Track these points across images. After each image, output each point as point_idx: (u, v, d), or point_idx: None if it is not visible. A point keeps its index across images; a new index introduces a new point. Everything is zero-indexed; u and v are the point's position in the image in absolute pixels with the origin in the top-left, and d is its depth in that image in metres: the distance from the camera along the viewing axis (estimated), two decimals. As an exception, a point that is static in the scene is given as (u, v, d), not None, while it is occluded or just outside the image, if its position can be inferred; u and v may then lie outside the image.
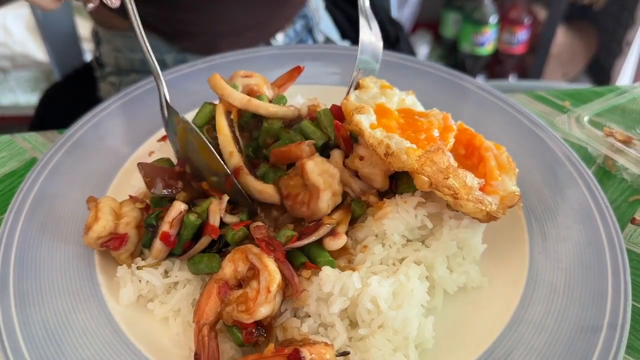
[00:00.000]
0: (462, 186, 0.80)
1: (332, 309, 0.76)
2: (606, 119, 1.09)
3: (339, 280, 0.76)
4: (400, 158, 0.78)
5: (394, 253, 0.82)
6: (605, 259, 0.87)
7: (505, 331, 0.79)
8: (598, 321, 0.80)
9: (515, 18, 3.57)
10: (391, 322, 0.75)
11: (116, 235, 0.85)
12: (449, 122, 0.87)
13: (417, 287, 0.78)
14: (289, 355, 0.67)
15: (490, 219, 0.82)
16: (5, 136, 1.13)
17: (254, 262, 0.76)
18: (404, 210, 0.82)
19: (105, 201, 0.86)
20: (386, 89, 0.94)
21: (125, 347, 0.77)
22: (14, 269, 0.84)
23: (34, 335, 0.77)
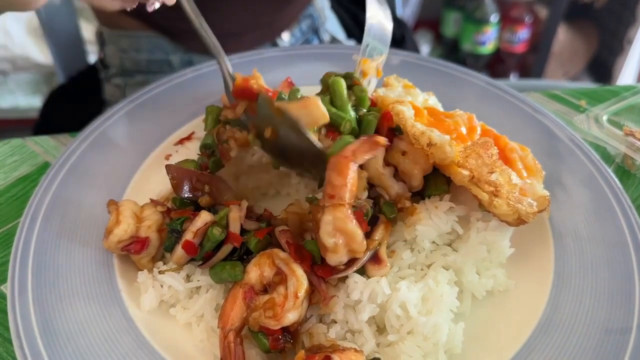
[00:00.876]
0: (507, 182, 0.79)
1: (362, 317, 0.75)
2: (624, 118, 1.09)
3: (367, 287, 0.75)
4: (444, 149, 0.77)
5: (422, 259, 0.81)
6: (630, 259, 0.86)
7: (533, 334, 0.78)
8: (627, 322, 0.79)
9: (516, 17, 3.58)
10: (421, 328, 0.74)
11: (137, 239, 0.84)
12: (473, 122, 0.86)
13: (446, 292, 0.77)
14: (319, 361, 0.66)
15: (520, 223, 0.81)
16: (17, 140, 1.12)
17: (281, 267, 0.75)
18: (436, 216, 0.81)
19: (126, 204, 0.85)
20: (410, 89, 0.93)
21: (148, 354, 0.76)
22: (32, 275, 0.82)
23: (55, 342, 0.75)
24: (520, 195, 0.80)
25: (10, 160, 1.09)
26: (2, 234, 0.96)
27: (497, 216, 0.80)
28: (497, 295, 0.84)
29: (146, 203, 0.88)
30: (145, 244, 0.84)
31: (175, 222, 0.82)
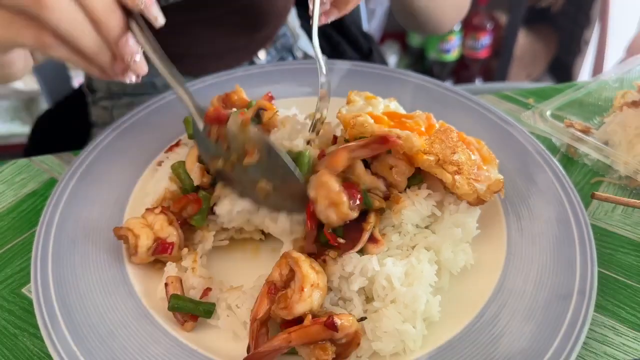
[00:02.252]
0: (468, 159, 0.93)
1: (353, 287, 0.87)
2: (566, 113, 1.23)
3: (360, 263, 0.88)
4: (410, 140, 0.91)
5: (408, 240, 0.94)
6: (572, 233, 0.99)
7: (491, 297, 0.91)
8: (569, 289, 0.91)
9: (478, 24, 3.72)
10: (402, 297, 0.86)
11: (161, 241, 0.95)
12: (432, 121, 1.00)
13: (426, 269, 0.90)
14: (325, 322, 0.79)
15: (479, 203, 0.95)
16: (22, 160, 1.22)
17: (291, 265, 0.87)
18: (418, 202, 0.94)
19: (131, 222, 0.96)
20: (371, 99, 1.06)
21: (163, 336, 0.88)
22: (52, 276, 0.93)
23: (79, 333, 0.86)
24: (478, 171, 0.94)
25: (19, 178, 1.19)
26: (18, 244, 1.07)
27: (459, 197, 0.94)
28: (462, 269, 0.97)
29: (144, 213, 0.98)
30: (173, 245, 0.95)
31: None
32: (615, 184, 1.14)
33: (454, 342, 0.87)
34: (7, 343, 0.91)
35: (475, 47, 3.77)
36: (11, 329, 0.93)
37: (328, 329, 0.79)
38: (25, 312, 0.96)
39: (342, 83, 1.33)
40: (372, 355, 0.86)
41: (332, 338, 0.81)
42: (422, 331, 0.86)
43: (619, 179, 1.15)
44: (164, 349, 0.86)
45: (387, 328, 0.85)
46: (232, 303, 0.92)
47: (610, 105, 1.26)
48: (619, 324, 0.93)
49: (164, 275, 0.95)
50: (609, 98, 1.27)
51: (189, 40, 1.60)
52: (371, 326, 0.86)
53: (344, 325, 0.80)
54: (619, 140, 1.14)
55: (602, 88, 1.28)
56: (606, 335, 0.91)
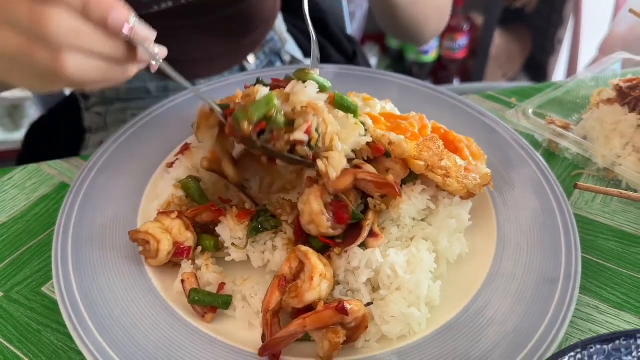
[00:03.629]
0: (454, 165, 1.00)
1: (361, 279, 0.95)
2: (547, 110, 1.31)
3: (365, 256, 0.95)
4: (402, 146, 0.98)
5: (406, 232, 1.01)
6: (557, 221, 1.07)
7: (485, 282, 0.99)
8: (555, 274, 1.00)
9: (455, 25, 3.81)
10: (406, 284, 0.94)
11: (179, 245, 1.00)
12: (424, 121, 1.07)
13: (426, 257, 0.97)
14: (336, 306, 0.86)
15: (470, 196, 1.03)
16: (32, 165, 1.27)
17: (300, 257, 0.94)
18: (414, 197, 1.01)
19: (150, 226, 1.00)
20: (368, 100, 1.13)
21: (182, 326, 0.94)
22: (73, 273, 0.98)
23: (104, 325, 0.92)
24: (465, 172, 1.01)
25: (30, 183, 1.24)
26: (34, 246, 1.11)
27: (451, 193, 1.01)
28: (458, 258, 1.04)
29: (156, 217, 1.03)
30: (189, 249, 1.01)
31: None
32: (594, 176, 1.23)
33: (453, 324, 0.94)
34: (32, 339, 0.96)
35: (452, 48, 3.87)
36: (34, 325, 0.98)
37: (339, 313, 0.86)
38: (46, 309, 1.01)
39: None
40: (380, 339, 0.93)
41: (343, 322, 0.88)
42: (425, 314, 0.94)
43: (598, 171, 1.23)
44: (185, 338, 0.92)
45: (394, 313, 0.92)
46: (247, 294, 0.98)
47: (587, 102, 1.34)
48: (601, 303, 1.01)
49: (180, 271, 1.01)
50: (586, 96, 1.36)
51: (180, 46, 1.65)
52: (379, 312, 0.93)
53: (354, 309, 0.87)
54: (597, 135, 1.23)
55: (580, 87, 1.37)
56: (590, 314, 1.00)
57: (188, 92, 1.38)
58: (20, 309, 1.01)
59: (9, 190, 1.22)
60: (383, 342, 0.93)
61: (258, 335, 0.92)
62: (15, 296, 1.03)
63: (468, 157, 1.05)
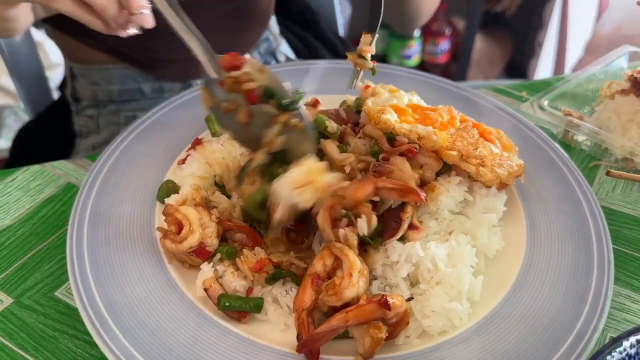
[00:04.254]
0: (490, 153, 0.98)
1: (401, 274, 0.91)
2: (558, 103, 1.31)
3: (404, 250, 0.92)
4: (431, 138, 0.95)
5: (445, 226, 0.99)
6: (584, 211, 1.06)
7: (520, 273, 0.98)
8: (589, 262, 0.98)
9: (437, 30, 3.84)
10: (448, 278, 0.91)
11: (203, 247, 0.95)
12: (453, 113, 1.05)
13: (467, 251, 0.94)
14: (379, 300, 0.83)
15: (502, 187, 1.01)
16: (35, 166, 1.21)
17: (337, 253, 0.90)
18: (452, 189, 0.99)
19: (191, 213, 0.95)
20: (395, 92, 1.11)
21: (212, 326, 0.89)
22: (92, 276, 0.93)
23: (130, 329, 0.87)
24: (500, 161, 1.00)
25: (34, 184, 1.17)
26: (43, 249, 1.05)
27: (484, 183, 0.99)
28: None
29: (199, 208, 0.98)
30: (208, 254, 0.96)
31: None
32: (612, 166, 1.23)
33: (493, 317, 0.92)
34: (49, 346, 0.91)
35: (435, 52, 3.89)
36: (50, 332, 0.93)
37: (382, 307, 0.83)
38: (61, 314, 0.95)
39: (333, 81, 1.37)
40: (420, 335, 0.90)
41: (384, 317, 0.85)
42: (467, 309, 0.91)
43: (615, 162, 1.23)
44: (216, 339, 0.87)
45: (435, 307, 0.89)
46: (277, 294, 0.94)
47: (597, 95, 1.35)
48: (633, 292, 1.00)
49: (199, 277, 0.95)
50: (596, 89, 1.36)
51: (175, 45, 1.61)
52: (419, 307, 0.90)
53: (396, 304, 0.84)
54: (614, 125, 1.23)
55: (589, 80, 1.37)
56: (624, 304, 0.98)
57: (191, 90, 1.33)
58: (33, 315, 0.95)
59: (12, 192, 1.16)
60: (423, 338, 0.90)
61: (293, 336, 0.88)
62: (27, 302, 0.97)
63: (500, 149, 1.04)
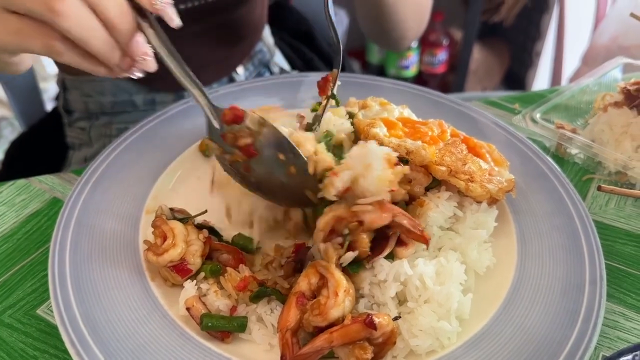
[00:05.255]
0: (478, 169, 0.96)
1: (389, 293, 0.89)
2: (551, 116, 1.29)
3: (392, 269, 0.90)
4: (420, 153, 0.93)
5: (434, 242, 0.97)
6: (576, 226, 1.04)
7: (510, 290, 0.95)
8: (581, 278, 0.96)
9: (434, 41, 3.84)
10: (436, 296, 0.88)
11: (184, 263, 0.93)
12: (444, 127, 1.04)
13: (456, 268, 0.92)
14: (364, 320, 0.81)
15: (493, 202, 0.99)
16: (21, 180, 1.19)
17: (322, 272, 0.88)
18: (440, 204, 0.97)
19: (178, 227, 0.94)
20: (386, 105, 1.10)
21: (194, 347, 0.87)
22: (73, 294, 0.91)
23: (109, 347, 0.85)
24: (489, 176, 0.98)
25: (19, 199, 1.16)
26: (26, 265, 1.04)
27: (474, 199, 0.98)
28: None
29: (189, 225, 0.97)
30: (189, 273, 0.94)
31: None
32: (605, 180, 1.21)
33: (482, 336, 0.89)
34: (28, 366, 0.89)
35: (432, 62, 3.89)
36: (30, 351, 0.91)
37: (367, 327, 0.81)
38: (42, 333, 0.93)
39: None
40: (408, 355, 0.88)
41: (370, 337, 0.83)
42: (456, 328, 0.89)
43: (609, 175, 1.21)
44: (197, 359, 0.85)
45: (422, 326, 0.87)
46: (262, 312, 0.92)
47: (591, 107, 1.33)
48: (626, 309, 0.98)
49: (182, 294, 0.93)
50: (589, 101, 1.35)
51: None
52: (407, 326, 0.88)
53: (382, 323, 0.82)
54: (607, 138, 1.21)
55: (583, 92, 1.35)
56: (617, 321, 0.96)
57: (180, 103, 1.32)
58: (13, 334, 0.93)
59: (-3, 207, 1.14)
60: (411, 358, 0.88)
61: (277, 356, 0.85)
62: (7, 320, 0.95)
63: (490, 162, 1.02)
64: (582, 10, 3.10)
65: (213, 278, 0.95)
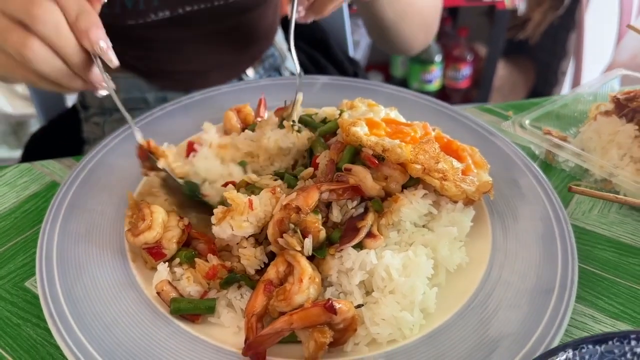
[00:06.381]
0: (451, 167, 0.99)
1: (354, 281, 0.92)
2: (543, 123, 1.30)
3: (358, 258, 0.93)
4: (395, 151, 0.96)
5: (406, 238, 0.99)
6: (553, 230, 1.05)
7: (479, 287, 0.97)
8: (551, 282, 0.97)
9: (458, 56, 3.84)
10: (401, 287, 0.91)
11: (159, 247, 0.97)
12: (428, 129, 1.06)
13: (423, 262, 0.94)
14: (324, 304, 0.83)
15: (469, 202, 1.02)
16: (25, 164, 1.26)
17: (289, 260, 0.91)
18: (415, 201, 0.99)
19: (159, 211, 0.99)
20: (373, 107, 1.14)
21: (165, 324, 0.91)
22: (57, 270, 0.97)
23: (85, 321, 0.90)
24: (463, 176, 1.00)
25: (21, 181, 1.23)
26: (20, 242, 1.10)
27: (450, 198, 1.00)
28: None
29: (171, 212, 1.02)
30: (163, 256, 0.98)
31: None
32: (591, 187, 1.21)
33: (444, 329, 0.91)
34: (11, 332, 0.94)
35: (456, 77, 3.90)
36: (14, 319, 0.96)
37: (327, 311, 0.84)
38: (28, 303, 0.99)
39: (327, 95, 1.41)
40: (370, 343, 0.90)
41: (331, 322, 0.85)
42: (419, 320, 0.91)
43: (595, 182, 1.22)
44: (166, 335, 0.89)
45: (384, 315, 0.89)
46: (232, 298, 0.95)
47: (586, 117, 1.33)
48: (597, 312, 0.98)
49: (155, 276, 0.97)
50: (584, 110, 1.35)
51: (178, 57, 1.67)
52: (370, 314, 0.90)
53: (342, 309, 0.85)
54: (594, 146, 1.22)
55: (577, 101, 1.36)
56: (586, 323, 0.97)
57: (183, 99, 1.38)
58: (1, 303, 0.99)
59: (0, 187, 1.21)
60: (372, 346, 0.90)
61: (243, 338, 0.89)
62: (-3, 290, 1.01)
63: (470, 165, 1.04)
64: (606, 27, 3.08)
65: (187, 264, 0.98)
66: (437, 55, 3.76)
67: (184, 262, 0.99)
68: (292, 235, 0.92)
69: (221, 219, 0.96)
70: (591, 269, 1.06)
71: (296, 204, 0.93)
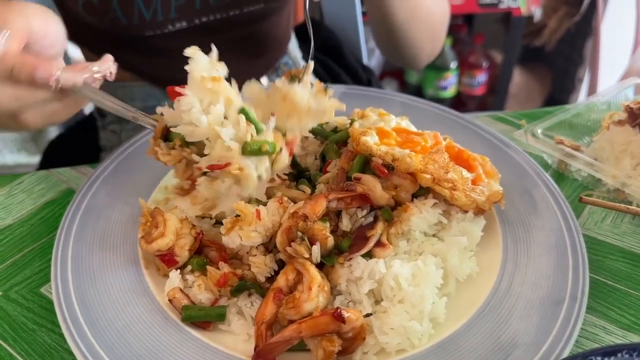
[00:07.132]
0: (460, 177, 0.99)
1: (363, 290, 0.92)
2: (556, 132, 1.29)
3: (368, 267, 0.93)
4: (405, 161, 0.97)
5: (415, 247, 0.99)
6: (565, 241, 1.04)
7: (489, 297, 0.97)
8: (562, 292, 0.96)
9: (474, 62, 3.82)
10: (410, 297, 0.91)
11: (172, 254, 0.99)
12: (439, 138, 1.07)
13: (432, 272, 0.94)
14: (333, 313, 0.84)
15: (480, 212, 1.02)
16: (42, 171, 1.29)
17: (299, 268, 0.92)
18: (425, 210, 1.00)
19: (172, 219, 1.00)
20: (384, 116, 1.14)
21: (176, 331, 0.92)
22: (72, 276, 0.99)
23: (98, 327, 0.91)
24: (472, 185, 1.00)
25: (38, 188, 1.25)
26: (37, 248, 1.12)
27: (460, 207, 1.00)
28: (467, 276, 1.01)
29: (184, 219, 1.03)
30: (176, 264, 0.99)
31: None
32: (604, 197, 1.21)
33: (454, 339, 0.91)
34: (26, 337, 0.96)
35: (471, 84, 3.88)
36: (30, 324, 0.98)
37: (336, 320, 0.84)
38: (43, 309, 1.01)
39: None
40: (379, 352, 0.91)
41: (340, 331, 0.86)
42: (428, 329, 0.91)
43: (608, 192, 1.21)
44: (177, 342, 0.91)
45: (393, 325, 0.89)
46: (242, 305, 0.97)
47: (599, 126, 1.33)
48: (608, 324, 0.98)
49: (167, 283, 0.99)
50: (597, 120, 1.34)
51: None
52: (379, 324, 0.91)
53: (351, 318, 0.85)
54: (607, 156, 1.21)
55: (591, 110, 1.35)
56: (597, 334, 0.96)
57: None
58: (17, 309, 1.01)
59: (17, 195, 1.24)
60: (381, 355, 0.90)
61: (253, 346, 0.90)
62: (13, 295, 1.03)
63: (481, 174, 1.04)
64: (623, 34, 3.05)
65: (199, 271, 1.00)
66: (453, 62, 3.75)
67: (196, 270, 1.00)
68: (300, 243, 0.93)
69: (230, 229, 0.97)
70: (603, 279, 1.05)
71: (303, 212, 0.94)
